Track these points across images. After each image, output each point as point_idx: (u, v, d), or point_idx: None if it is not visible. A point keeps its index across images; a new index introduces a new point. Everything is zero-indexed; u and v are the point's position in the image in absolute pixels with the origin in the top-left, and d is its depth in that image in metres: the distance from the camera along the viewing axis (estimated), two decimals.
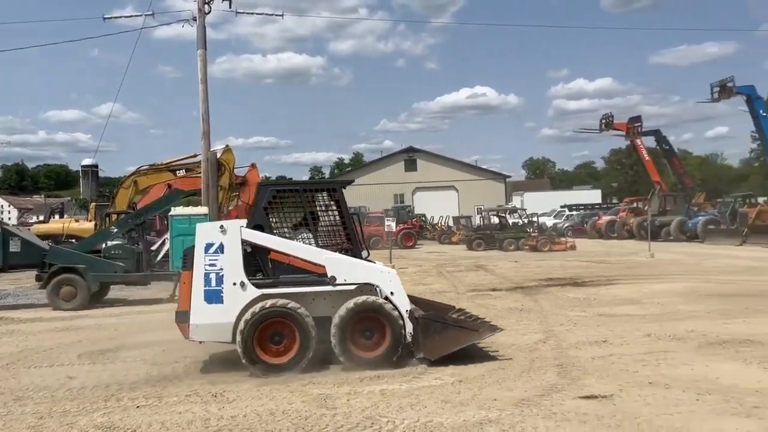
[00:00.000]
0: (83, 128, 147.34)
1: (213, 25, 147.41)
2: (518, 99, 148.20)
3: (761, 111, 31.36)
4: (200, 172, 20.86)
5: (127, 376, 7.19)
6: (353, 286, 7.16)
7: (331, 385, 6.44)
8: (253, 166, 25.91)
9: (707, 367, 6.65)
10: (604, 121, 38.78)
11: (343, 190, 7.73)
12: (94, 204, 25.95)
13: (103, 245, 14.41)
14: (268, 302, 6.91)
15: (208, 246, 7.01)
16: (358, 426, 5.18)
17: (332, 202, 7.71)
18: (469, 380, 6.46)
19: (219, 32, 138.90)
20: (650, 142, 38.06)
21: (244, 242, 7.13)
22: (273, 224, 7.49)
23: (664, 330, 8.71)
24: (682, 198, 34.60)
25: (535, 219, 33.22)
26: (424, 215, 45.84)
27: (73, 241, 17.08)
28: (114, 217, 18.23)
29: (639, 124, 36.56)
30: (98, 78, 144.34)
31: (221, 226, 7.16)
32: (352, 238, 7.61)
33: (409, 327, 7.12)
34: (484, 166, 64.48)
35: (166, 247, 18.72)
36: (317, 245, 7.43)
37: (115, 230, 15.17)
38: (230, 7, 20.95)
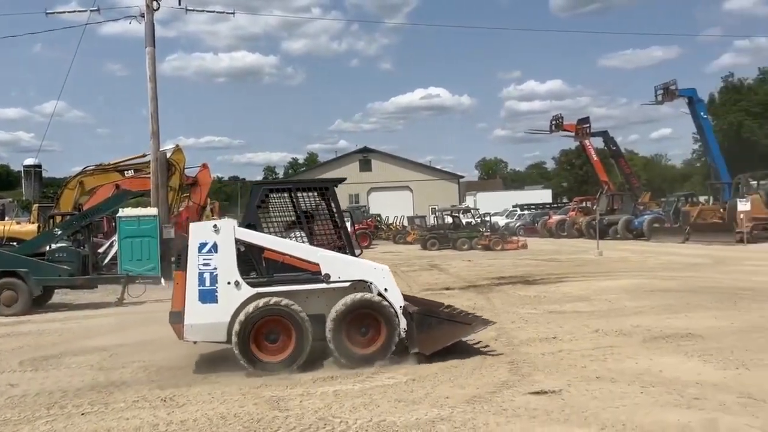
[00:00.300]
0: (25, 127, 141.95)
1: (163, 22, 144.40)
2: (471, 100, 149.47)
3: (702, 113, 32.61)
4: (149, 173, 20.41)
5: (72, 383, 6.96)
6: (347, 284, 7.19)
7: (284, 387, 6.39)
8: (204, 166, 25.51)
9: (651, 360, 6.85)
10: (554, 122, 39.66)
11: (335, 188, 7.82)
12: (36, 205, 25.05)
13: (47, 248, 13.93)
14: (263, 301, 6.88)
15: (202, 245, 6.94)
16: (310, 427, 5.15)
17: (324, 201, 7.79)
18: (423, 378, 6.50)
19: (169, 29, 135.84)
20: (599, 142, 39.14)
21: (237, 241, 7.09)
22: (266, 223, 7.53)
23: (610, 326, 8.93)
24: (628, 197, 35.62)
25: (487, 218, 33.68)
26: (379, 215, 45.98)
27: (15, 244, 16.43)
28: (58, 218, 17.65)
29: (587, 125, 37.50)
30: (41, 75, 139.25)
31: (214, 226, 7.10)
32: (344, 236, 7.68)
33: (403, 323, 7.17)
34: (438, 167, 65.22)
35: (114, 249, 18.24)
36: (310, 244, 7.46)
37: (59, 232, 14.66)
38: (180, 4, 20.60)
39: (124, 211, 18.19)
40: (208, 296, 6.89)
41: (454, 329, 7.37)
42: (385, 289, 7.23)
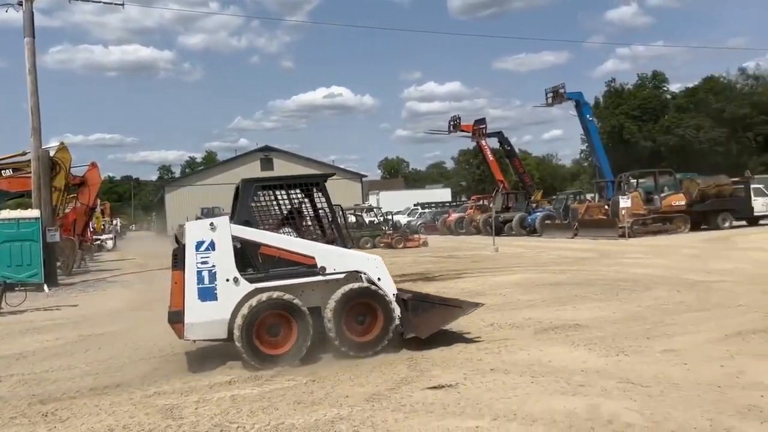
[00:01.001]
0: None
1: (45, 11, 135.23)
2: (374, 100, 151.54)
3: (587, 115, 34.60)
4: (30, 172, 19.07)
5: None
6: (342, 275, 7.34)
7: (178, 395, 6.16)
8: (93, 165, 24.20)
9: (541, 351, 7.18)
10: (452, 123, 40.70)
11: (325, 182, 8.02)
12: None
13: None
14: (265, 295, 6.94)
15: (199, 244, 6.93)
16: None
17: (317, 195, 7.96)
18: (323, 379, 6.47)
19: (53, 19, 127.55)
20: (495, 143, 40.60)
21: (234, 238, 7.09)
22: (260, 219, 7.66)
23: (505, 319, 9.28)
24: (522, 195, 37.19)
25: (390, 217, 34.11)
26: None
27: None
28: None
29: (484, 126, 38.76)
30: None
31: (211, 224, 7.09)
32: (336, 229, 7.87)
33: (397, 310, 7.41)
34: (341, 166, 65.21)
35: None
36: (303, 237, 7.62)
37: None
38: None
39: (2, 213, 16.91)
40: (207, 294, 6.91)
41: (447, 312, 7.76)
42: (378, 279, 7.46)
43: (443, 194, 67.63)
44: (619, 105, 72.64)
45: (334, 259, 7.35)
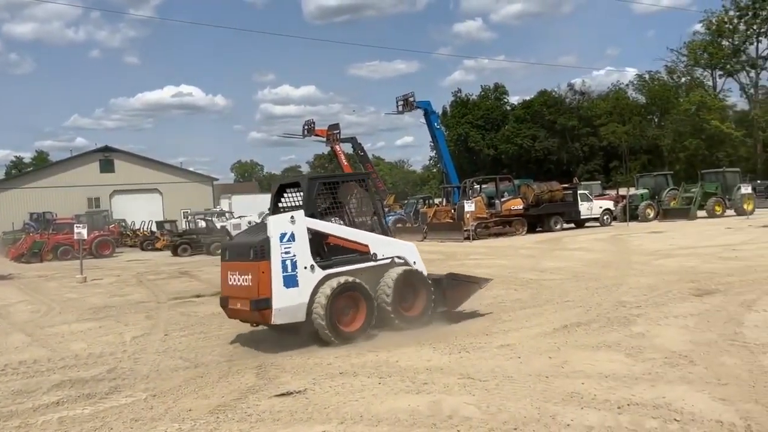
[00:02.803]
0: None
1: None
2: (226, 101, 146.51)
3: (435, 124, 36.24)
4: None
5: None
6: (388, 260, 8.43)
7: None
8: None
9: (389, 352, 7.35)
10: (306, 127, 40.74)
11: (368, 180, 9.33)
12: None
13: None
14: (342, 279, 7.86)
15: (282, 236, 7.59)
16: None
17: (363, 190, 9.04)
18: (164, 393, 6.15)
19: None
20: (349, 148, 41.21)
21: (308, 230, 7.84)
22: (321, 211, 8.41)
23: None
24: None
25: (242, 221, 33.28)
26: (123, 220, 42.63)
27: None
28: None
29: (338, 131, 39.20)
30: None
31: (291, 217, 7.78)
32: (379, 219, 9.07)
33: (431, 288, 8.63)
34: (190, 168, 62.50)
35: None
36: (354, 227, 8.61)
37: None
38: None
39: None
40: (291, 281, 7.60)
41: (470, 287, 9.26)
42: (414, 262, 8.65)
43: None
44: (464, 114, 76.81)
45: (382, 246, 8.48)
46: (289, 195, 8.96)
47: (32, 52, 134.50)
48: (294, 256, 7.63)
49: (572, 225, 29.30)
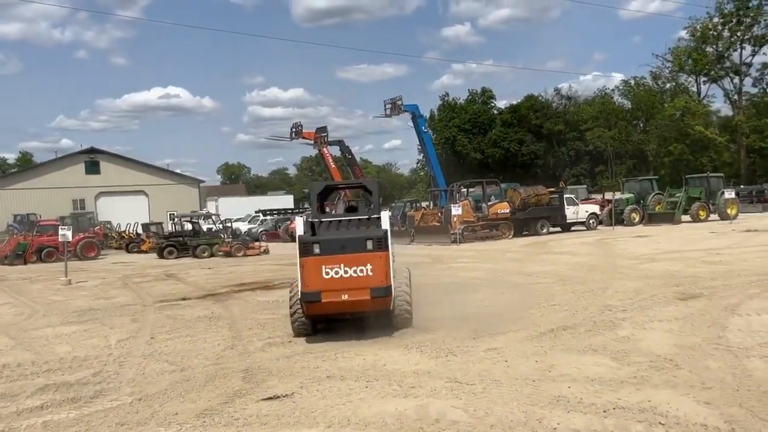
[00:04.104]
0: None
1: None
2: (214, 103, 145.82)
3: (422, 127, 36.35)
4: None
5: None
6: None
7: None
8: None
9: (377, 355, 7.35)
10: (294, 130, 40.70)
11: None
12: None
13: None
14: (404, 270, 9.25)
15: (389, 230, 8.38)
16: None
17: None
18: (150, 397, 6.10)
19: None
20: (336, 150, 41.20)
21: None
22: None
23: (338, 324, 9.36)
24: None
25: (229, 224, 33.12)
26: (109, 222, 42.31)
27: None
28: None
29: (325, 134, 39.21)
30: None
31: (390, 215, 8.70)
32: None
33: None
34: (177, 170, 62.27)
35: None
36: None
37: None
38: None
39: None
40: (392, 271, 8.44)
41: None
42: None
43: (286, 201, 67.11)
44: (452, 118, 77.12)
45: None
46: (335, 195, 9.86)
47: (18, 52, 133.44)
48: (393, 248, 8.50)
49: (558, 229, 29.50)
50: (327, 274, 8.04)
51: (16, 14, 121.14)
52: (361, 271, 8.06)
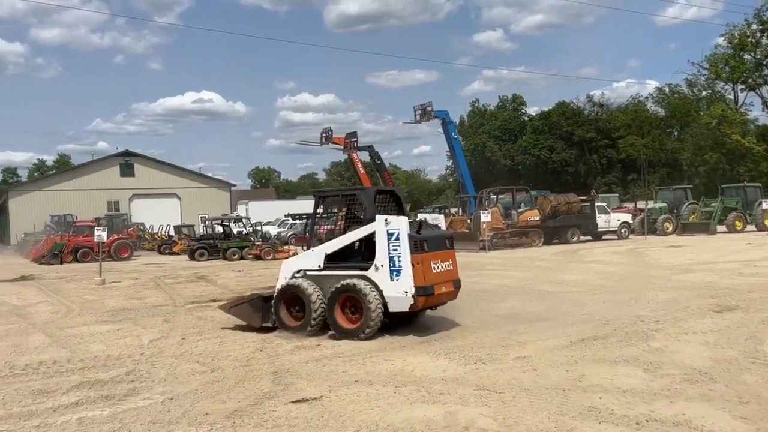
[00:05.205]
0: None
1: None
2: (246, 108, 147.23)
3: (452, 133, 36.24)
4: None
5: None
6: None
7: (16, 419, 5.63)
8: None
9: (405, 361, 7.35)
10: (324, 135, 40.86)
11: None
12: None
13: None
14: None
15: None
16: None
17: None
18: (181, 397, 6.19)
19: None
20: (366, 156, 41.25)
21: None
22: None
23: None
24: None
25: (259, 228, 33.43)
26: (142, 224, 43.03)
27: None
28: None
29: (355, 139, 39.29)
30: None
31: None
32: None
33: None
34: (209, 174, 63.10)
35: None
36: None
37: None
38: None
39: None
40: None
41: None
42: None
43: None
44: (482, 125, 76.75)
45: None
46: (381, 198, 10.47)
47: (58, 56, 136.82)
48: None
49: (589, 237, 29.11)
50: (435, 269, 8.91)
51: (57, 20, 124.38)
52: (447, 266, 9.15)
